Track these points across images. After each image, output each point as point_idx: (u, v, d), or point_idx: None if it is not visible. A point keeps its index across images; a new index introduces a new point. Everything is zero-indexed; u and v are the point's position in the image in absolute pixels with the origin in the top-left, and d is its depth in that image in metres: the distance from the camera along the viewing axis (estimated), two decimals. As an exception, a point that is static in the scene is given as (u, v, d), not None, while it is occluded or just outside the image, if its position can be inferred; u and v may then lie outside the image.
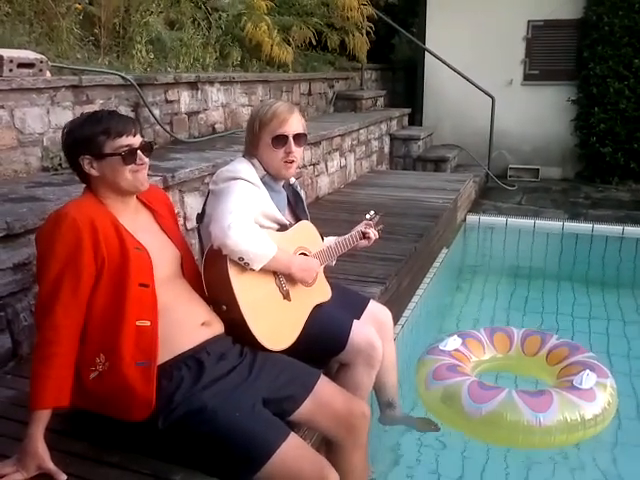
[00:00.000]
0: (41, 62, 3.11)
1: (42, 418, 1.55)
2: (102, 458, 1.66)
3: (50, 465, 1.55)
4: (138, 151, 1.73)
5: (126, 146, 1.70)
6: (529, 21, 7.83)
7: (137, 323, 1.63)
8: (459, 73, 7.31)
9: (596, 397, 2.48)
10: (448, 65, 7.36)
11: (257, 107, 2.19)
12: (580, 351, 2.82)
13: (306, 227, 2.27)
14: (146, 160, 1.76)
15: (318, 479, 1.62)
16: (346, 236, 2.37)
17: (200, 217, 2.15)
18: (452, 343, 2.89)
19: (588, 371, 2.58)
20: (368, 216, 2.44)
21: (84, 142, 1.69)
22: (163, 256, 1.79)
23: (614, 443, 2.74)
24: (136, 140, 1.73)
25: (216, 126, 4.68)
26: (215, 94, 4.66)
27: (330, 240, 2.37)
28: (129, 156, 1.70)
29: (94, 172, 1.70)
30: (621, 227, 5.60)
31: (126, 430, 1.65)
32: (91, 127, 1.69)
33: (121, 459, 1.65)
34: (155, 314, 1.66)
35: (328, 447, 1.98)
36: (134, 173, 1.72)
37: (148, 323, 1.64)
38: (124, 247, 1.65)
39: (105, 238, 1.63)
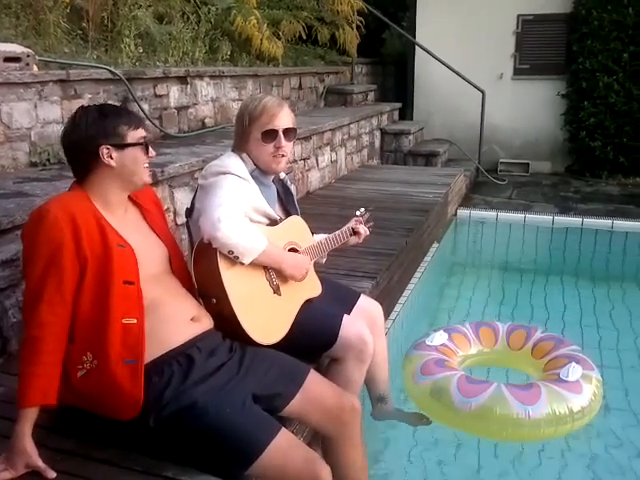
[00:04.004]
0: (28, 56, 3.08)
1: (29, 416, 1.54)
2: (92, 455, 1.65)
3: (39, 462, 1.54)
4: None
5: (144, 137, 1.75)
6: (519, 15, 7.84)
7: (123, 321, 1.62)
8: (449, 67, 7.31)
9: (583, 389, 2.49)
10: (438, 59, 7.36)
11: (246, 102, 2.18)
12: (564, 344, 2.84)
13: (296, 222, 2.26)
14: (154, 154, 1.81)
15: (309, 474, 1.62)
16: (336, 232, 2.37)
17: (189, 212, 2.14)
18: (438, 338, 2.89)
19: (574, 363, 2.60)
20: (358, 213, 2.44)
21: (106, 131, 1.69)
22: (151, 253, 1.78)
23: (602, 434, 2.76)
24: (146, 134, 1.79)
25: (206, 121, 4.66)
26: (205, 88, 4.64)
27: (319, 237, 2.37)
28: (147, 147, 1.76)
29: (112, 163, 1.70)
30: (610, 221, 5.64)
31: (117, 427, 1.65)
32: (113, 117, 1.71)
33: (111, 456, 1.65)
34: (141, 311, 1.65)
35: (323, 444, 1.98)
36: (145, 167, 1.76)
37: (134, 321, 1.63)
38: (107, 244, 1.64)
39: (87, 235, 1.62)
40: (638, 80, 7.18)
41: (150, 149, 1.78)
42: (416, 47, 7.94)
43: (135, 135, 1.72)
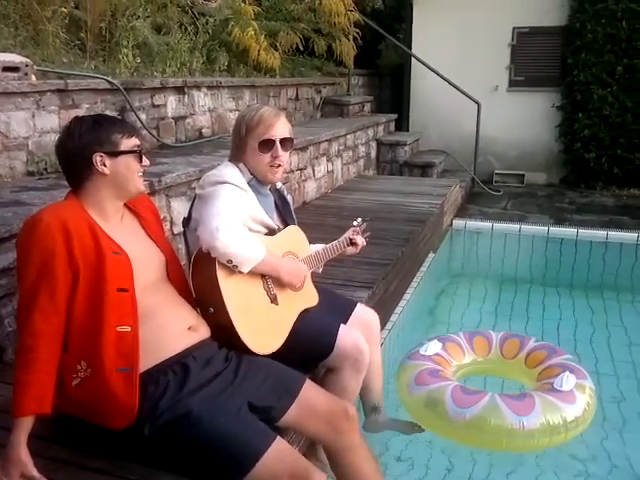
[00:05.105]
0: (26, 66, 3.09)
1: (25, 425, 1.54)
2: (87, 464, 1.65)
3: (34, 472, 1.54)
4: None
5: (137, 146, 1.76)
6: (514, 28, 7.91)
7: (117, 329, 1.62)
8: (445, 79, 7.37)
9: (576, 399, 2.50)
10: (434, 71, 7.42)
11: (243, 112, 2.20)
12: (558, 353, 2.85)
13: (294, 232, 2.27)
14: (148, 163, 1.82)
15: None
16: (333, 242, 2.38)
17: (186, 221, 2.15)
18: (432, 347, 2.90)
19: (567, 373, 2.61)
20: (355, 223, 2.45)
21: (100, 139, 1.70)
22: (148, 261, 1.79)
23: (595, 444, 2.77)
24: (140, 142, 1.80)
25: (203, 131, 4.68)
26: (202, 99, 4.66)
27: (316, 247, 2.38)
28: (140, 155, 1.77)
29: (105, 170, 1.71)
30: (605, 232, 5.67)
31: (112, 436, 1.64)
32: (107, 126, 1.73)
33: (107, 465, 1.64)
34: (136, 319, 1.65)
35: (328, 456, 1.96)
36: (139, 175, 1.77)
37: (128, 328, 1.63)
38: (100, 251, 1.64)
39: (80, 242, 1.62)
40: (632, 92, 7.24)
41: (144, 158, 1.78)
42: (412, 59, 7.99)
43: (129, 143, 1.74)
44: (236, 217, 1.93)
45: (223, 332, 1.87)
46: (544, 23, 7.72)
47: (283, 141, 2.13)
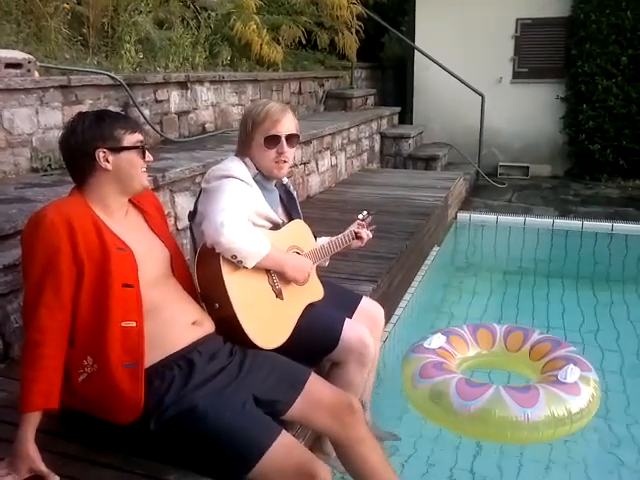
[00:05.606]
0: (29, 62, 3.10)
1: (32, 420, 1.55)
2: (95, 459, 1.65)
3: (42, 467, 1.55)
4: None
5: (140, 141, 1.76)
6: (518, 19, 7.88)
7: (123, 324, 1.62)
8: (448, 71, 7.34)
9: (581, 391, 2.51)
10: (437, 63, 7.39)
11: (250, 106, 2.20)
12: (562, 346, 2.85)
13: (299, 226, 2.27)
14: (152, 159, 1.81)
15: (309, 476, 1.62)
16: (339, 236, 2.38)
17: (192, 215, 2.15)
18: (436, 341, 2.90)
19: (572, 365, 2.61)
20: (360, 216, 2.44)
21: (103, 135, 1.70)
22: (152, 256, 1.79)
23: (600, 436, 2.77)
24: (143, 138, 1.80)
25: (206, 126, 4.68)
26: (205, 93, 4.66)
27: (323, 240, 2.38)
28: (144, 151, 1.77)
29: (108, 166, 1.71)
30: (610, 224, 5.66)
31: (119, 431, 1.65)
32: (110, 121, 1.72)
33: (114, 460, 1.65)
34: (141, 314, 1.66)
35: (338, 452, 1.95)
36: (142, 170, 1.77)
37: (134, 324, 1.64)
38: (105, 247, 1.64)
39: (84, 238, 1.62)
40: (636, 83, 7.21)
41: (147, 153, 1.78)
42: (415, 51, 7.97)
43: (132, 139, 1.74)
44: (241, 212, 1.93)
45: (228, 327, 1.87)
46: (547, 14, 7.68)
47: (289, 137, 2.12)
